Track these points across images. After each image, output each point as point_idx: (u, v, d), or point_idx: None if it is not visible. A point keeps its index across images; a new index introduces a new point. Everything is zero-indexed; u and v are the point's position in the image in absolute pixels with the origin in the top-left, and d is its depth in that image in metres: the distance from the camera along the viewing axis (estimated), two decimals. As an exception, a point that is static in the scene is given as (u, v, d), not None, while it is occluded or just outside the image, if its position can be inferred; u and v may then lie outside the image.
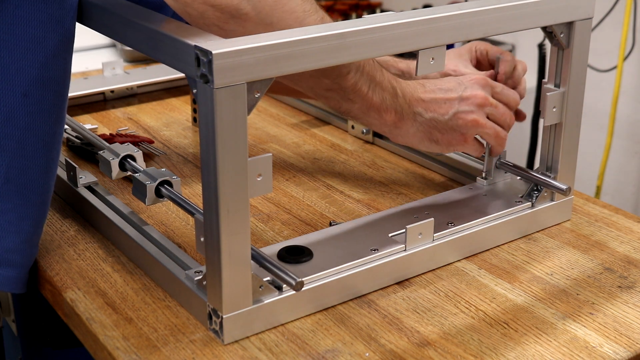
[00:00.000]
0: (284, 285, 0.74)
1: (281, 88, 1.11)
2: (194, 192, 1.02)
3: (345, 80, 0.84)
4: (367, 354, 0.71)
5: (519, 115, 0.99)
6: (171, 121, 1.28)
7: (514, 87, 0.99)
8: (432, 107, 0.90)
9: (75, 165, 0.96)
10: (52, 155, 0.81)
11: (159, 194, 0.83)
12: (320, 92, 0.86)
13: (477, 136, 0.94)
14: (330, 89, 0.85)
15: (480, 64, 1.05)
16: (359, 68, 0.84)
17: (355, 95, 0.85)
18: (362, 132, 1.18)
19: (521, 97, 0.98)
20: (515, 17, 0.82)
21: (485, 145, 0.95)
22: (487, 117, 0.92)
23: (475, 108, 0.91)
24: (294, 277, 0.71)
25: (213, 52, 0.63)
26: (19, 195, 0.79)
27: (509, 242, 0.90)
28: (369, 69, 0.85)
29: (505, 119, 0.93)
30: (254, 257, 0.73)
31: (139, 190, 0.84)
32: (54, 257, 0.87)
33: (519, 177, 0.98)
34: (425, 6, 2.49)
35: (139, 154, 0.90)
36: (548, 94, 0.88)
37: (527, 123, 2.37)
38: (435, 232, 0.84)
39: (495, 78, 0.98)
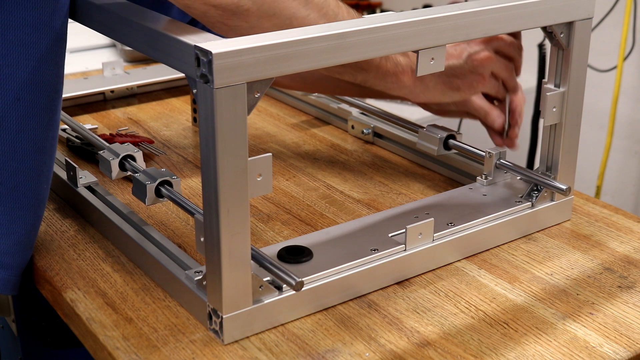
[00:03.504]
0: (284, 285, 0.74)
1: (286, 82, 1.12)
2: (194, 192, 1.02)
3: None
4: (367, 354, 0.71)
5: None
6: (171, 121, 1.28)
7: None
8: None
9: (75, 165, 0.96)
10: (45, 158, 0.81)
11: (159, 194, 0.83)
12: (333, 69, 0.87)
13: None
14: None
15: None
16: None
17: (368, 65, 0.86)
18: (362, 132, 1.18)
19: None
20: (515, 17, 0.82)
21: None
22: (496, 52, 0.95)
23: (484, 45, 0.93)
24: (294, 277, 0.71)
25: (213, 52, 0.63)
26: (10, 198, 0.79)
27: (509, 242, 0.90)
28: None
29: (514, 49, 0.96)
30: (254, 257, 0.73)
31: (139, 190, 0.84)
32: (54, 257, 0.87)
33: (519, 177, 0.98)
34: (425, 6, 2.49)
35: (139, 154, 0.90)
36: (548, 94, 0.88)
37: (527, 123, 2.37)
38: (435, 232, 0.84)
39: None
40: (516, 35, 0.98)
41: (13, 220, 0.80)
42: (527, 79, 2.38)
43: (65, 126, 1.15)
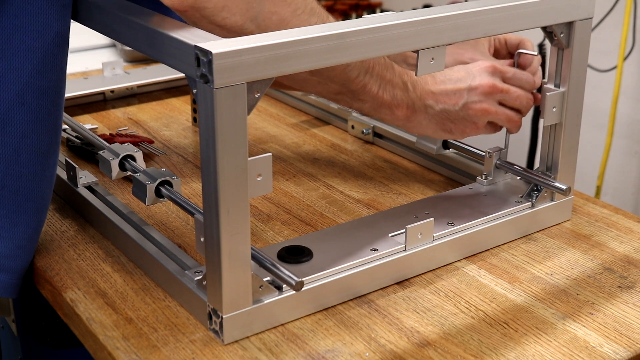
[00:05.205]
0: (284, 285, 0.74)
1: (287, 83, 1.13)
2: (194, 192, 1.02)
3: (353, 84, 0.85)
4: (367, 354, 0.71)
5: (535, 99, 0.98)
6: (171, 121, 1.28)
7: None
8: (442, 99, 0.91)
9: (75, 165, 0.96)
10: (48, 163, 0.81)
11: (159, 194, 0.83)
12: (330, 96, 0.89)
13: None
14: (340, 92, 0.87)
15: (498, 52, 1.05)
16: (367, 70, 0.85)
17: (366, 95, 0.87)
18: (362, 132, 1.18)
19: (536, 87, 0.98)
20: (515, 17, 0.82)
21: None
22: (500, 103, 0.93)
23: (484, 97, 0.92)
24: (294, 277, 0.71)
25: (213, 52, 0.63)
26: (12, 202, 0.79)
27: (509, 242, 0.90)
28: (379, 69, 0.86)
29: (521, 102, 0.94)
30: (254, 257, 0.73)
31: (139, 190, 0.84)
32: (54, 257, 0.87)
33: (519, 177, 0.98)
34: (425, 6, 2.49)
35: (139, 154, 0.90)
36: (548, 94, 0.88)
37: (527, 123, 2.37)
38: (435, 232, 0.84)
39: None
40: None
41: (15, 224, 0.80)
42: (527, 79, 2.38)
43: (66, 126, 1.15)
